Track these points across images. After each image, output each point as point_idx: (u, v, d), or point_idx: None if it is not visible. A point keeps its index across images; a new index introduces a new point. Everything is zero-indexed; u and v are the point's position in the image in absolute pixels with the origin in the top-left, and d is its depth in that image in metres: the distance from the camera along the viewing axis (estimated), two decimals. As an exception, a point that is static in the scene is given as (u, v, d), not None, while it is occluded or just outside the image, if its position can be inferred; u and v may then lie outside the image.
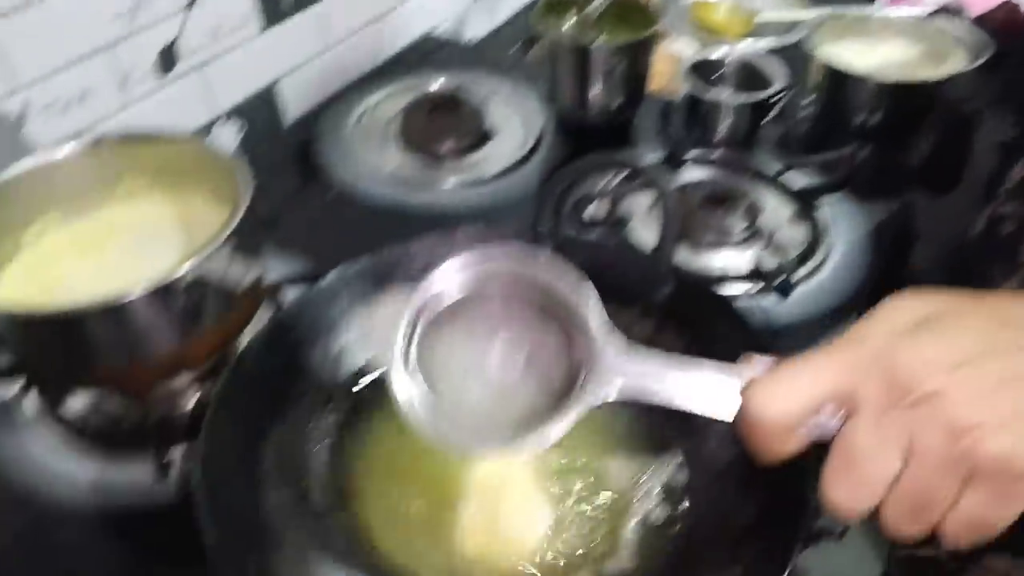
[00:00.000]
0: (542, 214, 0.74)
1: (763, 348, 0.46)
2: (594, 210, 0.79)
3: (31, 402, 0.62)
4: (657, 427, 0.54)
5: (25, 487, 0.57)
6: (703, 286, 0.57)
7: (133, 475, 0.57)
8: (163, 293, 0.51)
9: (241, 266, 0.56)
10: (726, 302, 0.56)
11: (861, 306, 0.70)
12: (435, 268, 0.40)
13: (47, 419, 0.61)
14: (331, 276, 0.57)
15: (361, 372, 0.58)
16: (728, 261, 0.74)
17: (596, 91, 0.89)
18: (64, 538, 0.55)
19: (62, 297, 0.57)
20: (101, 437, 0.60)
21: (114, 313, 0.50)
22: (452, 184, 0.85)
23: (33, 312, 0.50)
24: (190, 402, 0.60)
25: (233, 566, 0.43)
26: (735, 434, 0.33)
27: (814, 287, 0.72)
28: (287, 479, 0.51)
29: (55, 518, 0.55)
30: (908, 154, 0.88)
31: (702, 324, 0.55)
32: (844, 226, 0.77)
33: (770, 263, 0.73)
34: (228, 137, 0.88)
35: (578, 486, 0.53)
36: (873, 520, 0.31)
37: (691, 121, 0.91)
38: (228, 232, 0.53)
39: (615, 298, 0.60)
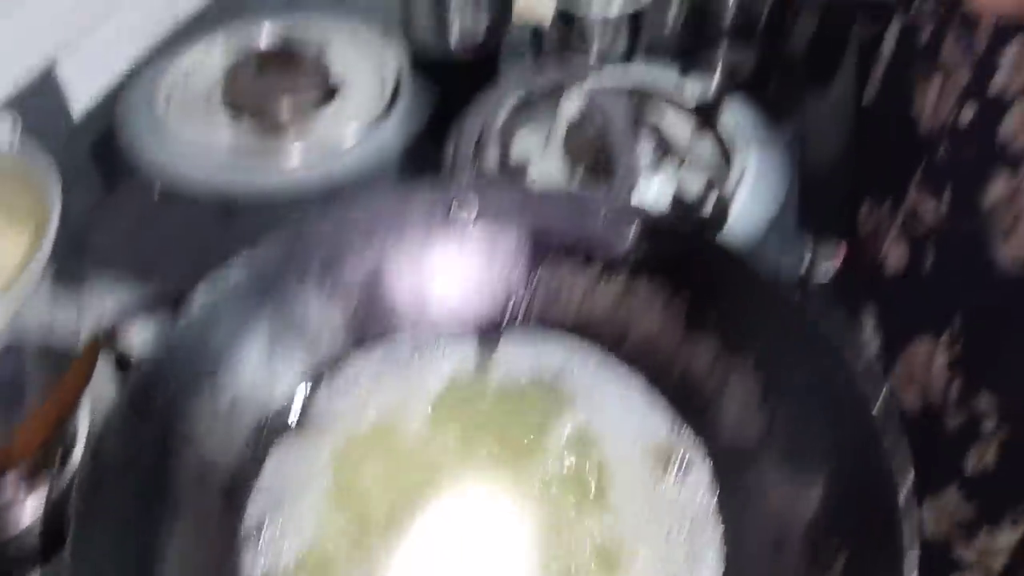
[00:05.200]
0: (456, 163, 0.61)
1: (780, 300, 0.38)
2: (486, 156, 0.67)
3: None
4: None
5: None
6: (683, 226, 0.47)
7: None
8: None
9: (65, 308, 0.40)
10: (714, 242, 0.46)
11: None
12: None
13: None
14: (198, 298, 0.42)
15: (266, 425, 0.44)
16: (648, 191, 0.65)
17: (458, 19, 0.76)
18: None
19: None
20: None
21: None
22: (299, 155, 0.70)
23: None
24: (25, 513, 0.43)
25: None
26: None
27: (743, 204, 0.64)
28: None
29: None
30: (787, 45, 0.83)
31: (688, 272, 0.45)
32: (749, 131, 0.69)
33: (694, 185, 0.65)
34: (-1, 141, 0.67)
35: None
36: None
37: (564, 43, 0.80)
38: (40, 260, 0.37)
39: (568, 256, 0.49)
